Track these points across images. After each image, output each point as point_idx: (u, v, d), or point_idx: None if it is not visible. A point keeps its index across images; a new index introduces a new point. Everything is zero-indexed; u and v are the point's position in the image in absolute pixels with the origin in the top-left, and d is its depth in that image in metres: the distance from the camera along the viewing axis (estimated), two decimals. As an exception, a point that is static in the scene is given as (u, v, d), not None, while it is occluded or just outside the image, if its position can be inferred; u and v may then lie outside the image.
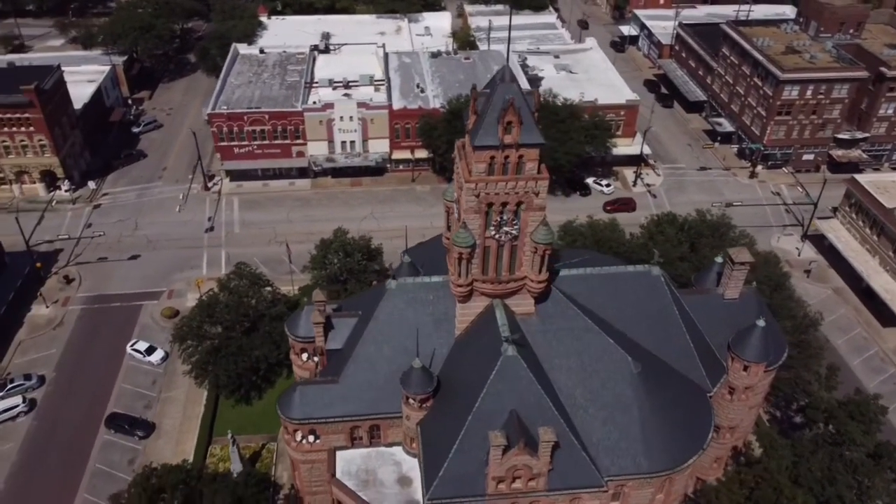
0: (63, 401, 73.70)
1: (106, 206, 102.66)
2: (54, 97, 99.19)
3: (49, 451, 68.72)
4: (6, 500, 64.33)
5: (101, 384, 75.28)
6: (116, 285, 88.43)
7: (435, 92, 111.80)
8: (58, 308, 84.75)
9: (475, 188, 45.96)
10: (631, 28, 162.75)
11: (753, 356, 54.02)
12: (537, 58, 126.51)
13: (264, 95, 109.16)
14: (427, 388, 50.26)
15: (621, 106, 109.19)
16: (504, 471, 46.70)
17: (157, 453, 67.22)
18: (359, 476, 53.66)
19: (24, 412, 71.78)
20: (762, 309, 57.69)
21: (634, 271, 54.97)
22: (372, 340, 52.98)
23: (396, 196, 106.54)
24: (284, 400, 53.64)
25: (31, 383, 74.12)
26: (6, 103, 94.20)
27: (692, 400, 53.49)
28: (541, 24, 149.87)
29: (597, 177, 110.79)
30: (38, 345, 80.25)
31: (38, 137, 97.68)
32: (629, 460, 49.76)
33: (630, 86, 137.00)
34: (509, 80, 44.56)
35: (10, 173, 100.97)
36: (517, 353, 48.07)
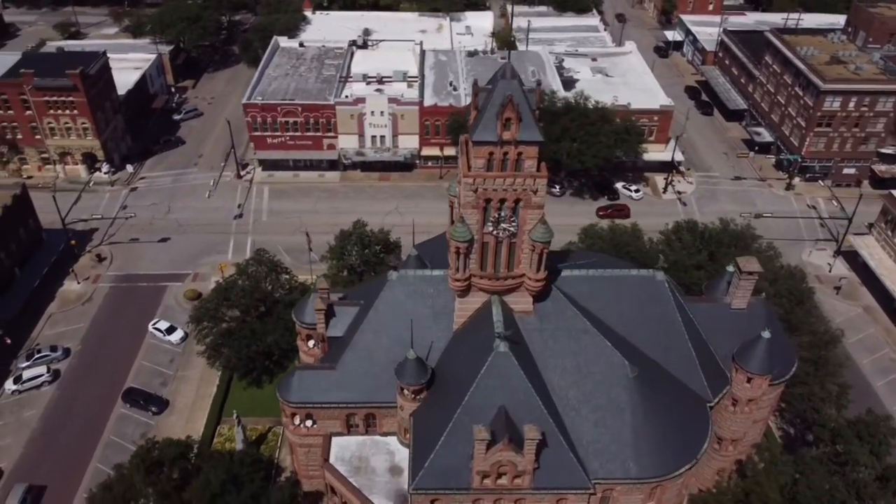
0: (85, 373, 76.58)
1: (142, 190, 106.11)
2: (98, 82, 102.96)
3: (68, 420, 71.51)
4: (24, 464, 67.22)
5: (121, 359, 77.96)
6: (145, 266, 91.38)
7: (467, 90, 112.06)
8: (88, 284, 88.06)
9: (473, 183, 46.28)
10: (676, 33, 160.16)
11: (757, 368, 52.95)
12: (574, 60, 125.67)
13: (299, 88, 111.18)
14: (421, 379, 50.76)
15: (655, 111, 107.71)
16: (489, 466, 46.87)
17: (168, 429, 69.33)
18: (351, 462, 54.49)
19: (48, 382, 74.85)
20: (770, 321, 56.45)
21: (638, 275, 54.44)
22: (371, 330, 53.74)
23: (423, 192, 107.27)
24: (284, 383, 54.85)
25: (56, 355, 77.24)
26: (52, 86, 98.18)
27: (689, 408, 52.72)
28: (583, 26, 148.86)
29: (627, 182, 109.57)
30: (67, 318, 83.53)
31: (82, 120, 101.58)
32: (618, 464, 49.34)
33: (670, 92, 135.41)
34: (510, 77, 44.73)
35: (54, 154, 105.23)
36: (508, 350, 48.18)
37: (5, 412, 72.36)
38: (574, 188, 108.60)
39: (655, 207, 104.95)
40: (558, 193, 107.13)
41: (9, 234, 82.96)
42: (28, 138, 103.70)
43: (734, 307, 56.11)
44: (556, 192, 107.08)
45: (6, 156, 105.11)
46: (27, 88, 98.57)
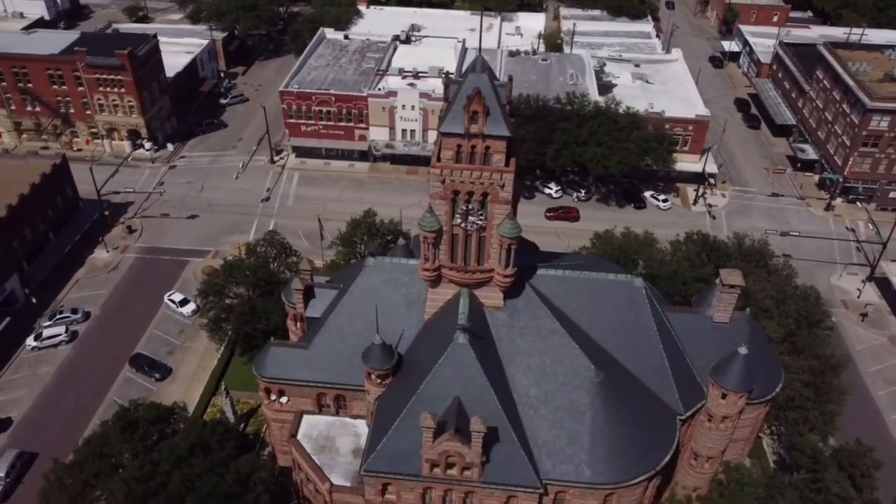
0: (100, 336, 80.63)
1: (180, 168, 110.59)
2: (146, 63, 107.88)
3: (78, 379, 75.49)
4: (32, 416, 71.39)
5: (135, 326, 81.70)
6: (171, 240, 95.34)
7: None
8: (116, 254, 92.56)
9: (440, 174, 46.76)
10: (734, 44, 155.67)
11: (732, 384, 51.66)
12: (617, 65, 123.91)
13: (337, 78, 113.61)
14: (385, 364, 51.46)
15: (690, 121, 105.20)
16: (436, 454, 47.24)
17: (167, 395, 72.31)
18: (317, 441, 55.75)
19: (65, 341, 79.19)
20: (754, 337, 54.86)
21: (615, 280, 53.66)
22: (345, 313, 54.80)
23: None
24: (259, 358, 56.58)
25: (76, 317, 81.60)
26: (103, 65, 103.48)
27: (655, 419, 51.70)
28: (634, 32, 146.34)
29: (656, 191, 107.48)
30: (92, 284, 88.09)
31: (128, 98, 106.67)
32: (571, 467, 48.86)
33: (718, 103, 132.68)
34: (479, 71, 45.02)
35: (102, 129, 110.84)
36: (467, 342, 48.40)
37: (23, 366, 76.98)
38: (601, 194, 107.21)
39: (683, 219, 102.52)
40: (584, 198, 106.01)
41: (46, 201, 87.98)
42: (79, 113, 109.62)
43: (716, 320, 54.70)
44: (581, 196, 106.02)
45: (59, 128, 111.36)
46: (80, 66, 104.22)
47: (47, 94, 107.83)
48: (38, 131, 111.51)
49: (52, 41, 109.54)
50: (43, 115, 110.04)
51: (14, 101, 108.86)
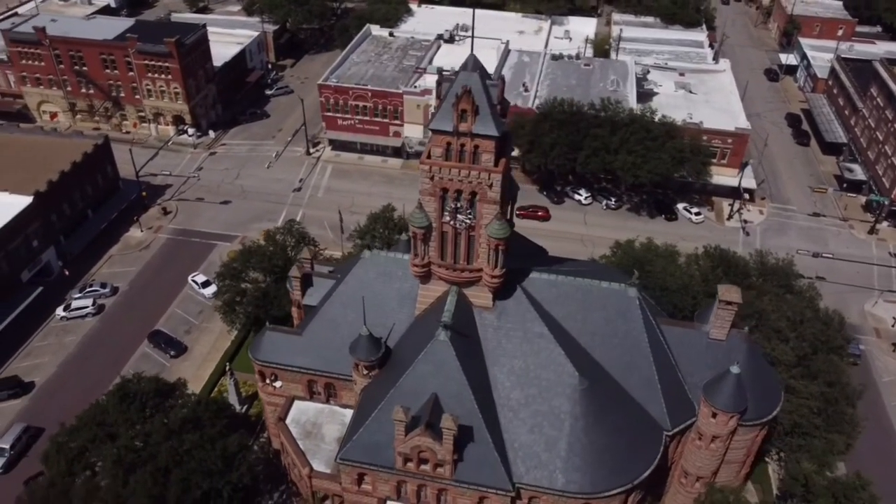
0: (125, 311, 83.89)
1: (220, 155, 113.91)
2: (193, 52, 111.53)
3: (99, 350, 78.72)
4: (52, 382, 74.79)
5: (158, 304, 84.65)
6: (202, 224, 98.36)
7: (539, 93, 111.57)
8: (150, 234, 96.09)
9: (429, 171, 47.09)
10: (792, 57, 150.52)
11: (723, 404, 50.43)
12: (661, 73, 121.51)
13: (376, 75, 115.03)
14: (371, 356, 52.09)
15: (729, 133, 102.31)
16: (409, 449, 47.58)
17: (179, 372, 74.65)
18: (305, 426, 56.77)
19: (92, 314, 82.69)
20: (751, 357, 53.29)
21: (608, 288, 52.86)
22: (339, 303, 55.65)
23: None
24: (255, 341, 58.02)
25: (104, 291, 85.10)
26: (151, 51, 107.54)
27: (639, 432, 50.75)
28: (686, 40, 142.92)
29: (691, 204, 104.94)
30: (123, 260, 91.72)
31: (174, 85, 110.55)
32: (545, 473, 48.45)
33: (769, 117, 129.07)
34: (471, 70, 45.07)
35: (149, 113, 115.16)
36: (448, 340, 48.55)
37: (51, 334, 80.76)
38: (632, 203, 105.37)
39: (714, 233, 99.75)
40: (614, 206, 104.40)
41: (86, 179, 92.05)
42: (129, 97, 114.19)
43: (712, 337, 53.33)
44: (611, 204, 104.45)
45: (110, 111, 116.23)
46: (131, 52, 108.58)
47: (100, 78, 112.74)
48: (91, 113, 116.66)
49: (108, 27, 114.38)
50: (96, 97, 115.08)
51: (70, 83, 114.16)
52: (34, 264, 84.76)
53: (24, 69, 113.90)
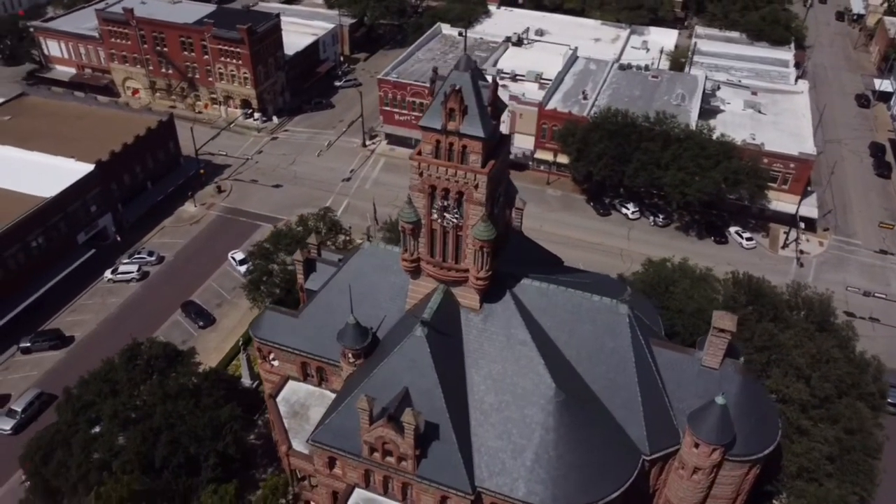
0: (166, 279, 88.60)
1: (280, 140, 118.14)
2: (265, 40, 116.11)
3: (137, 314, 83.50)
4: (90, 339, 79.95)
5: (197, 276, 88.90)
6: (252, 204, 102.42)
7: (598, 101, 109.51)
8: (202, 209, 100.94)
9: (418, 167, 47.39)
10: (889, 83, 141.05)
11: (705, 435, 48.50)
12: (732, 90, 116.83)
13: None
14: (356, 345, 52.94)
15: (791, 157, 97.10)
16: (373, 438, 48.18)
17: (203, 343, 78.38)
18: (293, 406, 58.35)
19: (136, 279, 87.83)
20: (745, 389, 50.78)
21: (599, 302, 51.58)
22: (335, 291, 56.78)
23: (524, 193, 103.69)
24: (256, 319, 60.09)
25: (150, 259, 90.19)
26: (225, 37, 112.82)
27: (613, 452, 49.35)
28: (770, 58, 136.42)
29: (745, 228, 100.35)
30: (174, 232, 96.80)
31: (244, 70, 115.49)
32: (508, 480, 47.89)
33: (850, 145, 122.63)
34: (462, 69, 45.10)
35: (220, 96, 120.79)
36: (424, 336, 48.75)
37: (97, 295, 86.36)
38: (682, 222, 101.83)
39: (764, 261, 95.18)
40: (661, 223, 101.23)
41: (147, 152, 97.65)
42: (203, 79, 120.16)
43: (704, 364, 51.15)
44: (659, 221, 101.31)
45: (185, 91, 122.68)
46: (206, 36, 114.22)
47: (179, 59, 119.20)
48: (169, 91, 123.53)
49: (190, 12, 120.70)
50: (173, 77, 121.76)
51: (152, 62, 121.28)
52: (91, 228, 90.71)
53: (112, 47, 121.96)
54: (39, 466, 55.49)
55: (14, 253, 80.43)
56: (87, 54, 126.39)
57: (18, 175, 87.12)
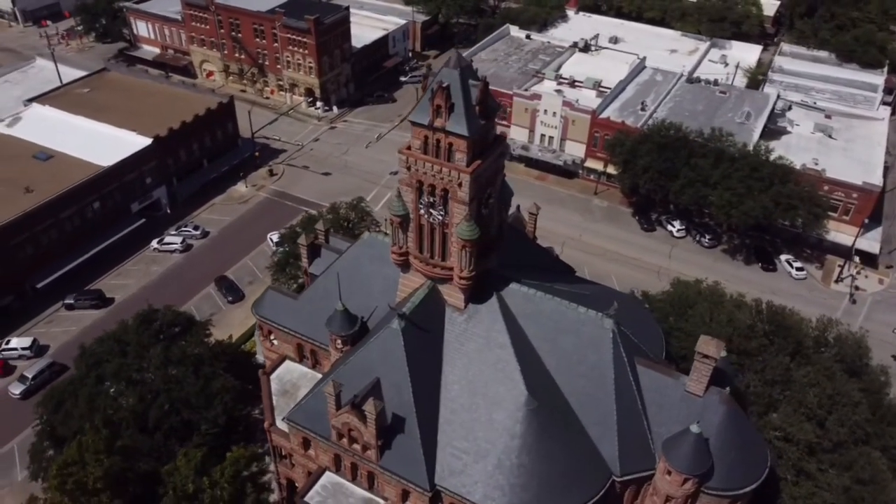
0: (206, 254, 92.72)
1: (338, 130, 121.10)
2: (332, 31, 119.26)
3: (174, 283, 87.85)
4: (129, 302, 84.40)
5: (235, 253, 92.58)
6: (300, 190, 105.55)
7: (656, 113, 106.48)
8: (252, 190, 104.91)
9: (406, 161, 47.73)
10: None
11: (677, 462, 46.65)
12: (804, 112, 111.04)
13: (495, 74, 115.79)
14: (343, 331, 53.86)
15: (854, 187, 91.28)
16: (340, 424, 48.94)
17: (227, 317, 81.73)
18: (284, 385, 59.88)
19: (179, 251, 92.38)
20: (728, 420, 48.32)
21: (585, 314, 50.32)
22: (333, 277, 57.91)
23: (567, 201, 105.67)
24: (259, 297, 62.07)
25: (195, 233, 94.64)
26: (293, 26, 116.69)
27: (580, 469, 48.10)
28: (857, 81, 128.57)
29: (797, 257, 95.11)
30: (222, 210, 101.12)
31: (309, 60, 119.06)
32: (467, 481, 47.48)
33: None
34: (452, 66, 45.05)
35: (286, 83, 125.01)
36: (400, 330, 49.07)
37: (142, 262, 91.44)
38: (731, 245, 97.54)
39: (813, 294, 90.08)
40: (707, 244, 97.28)
41: (206, 131, 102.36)
42: (272, 66, 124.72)
43: (688, 389, 49.03)
44: (705, 241, 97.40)
45: (255, 76, 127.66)
46: (277, 24, 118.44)
47: (251, 45, 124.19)
48: (240, 76, 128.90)
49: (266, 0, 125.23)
50: (245, 62, 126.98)
51: (227, 46, 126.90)
52: (145, 199, 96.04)
53: (192, 30, 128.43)
54: (49, 413, 59.39)
55: (70, 215, 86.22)
56: (170, 36, 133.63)
57: (85, 144, 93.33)
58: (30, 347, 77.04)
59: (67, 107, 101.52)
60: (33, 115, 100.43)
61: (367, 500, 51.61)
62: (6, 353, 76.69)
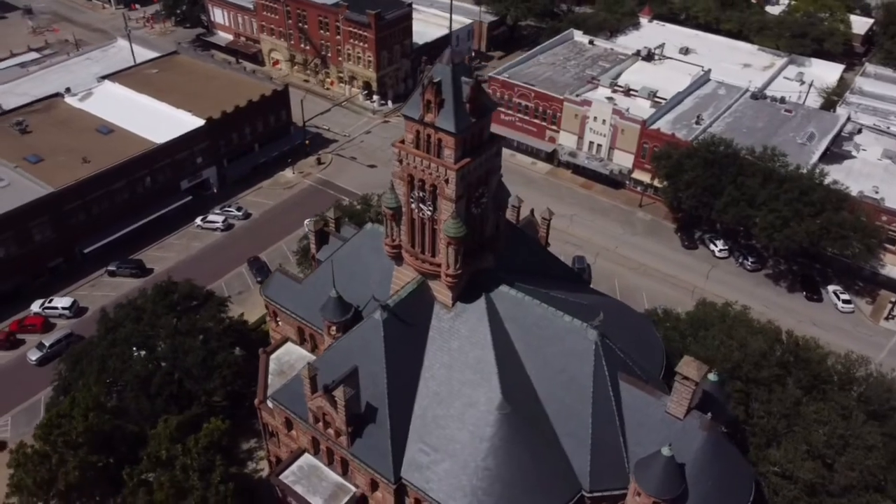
0: (246, 235, 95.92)
1: (391, 124, 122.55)
2: (392, 27, 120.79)
3: (211, 260, 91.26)
4: (165, 274, 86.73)
5: (273, 236, 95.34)
6: (344, 180, 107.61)
7: (714, 128, 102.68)
8: (299, 177, 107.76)
9: (398, 154, 48.12)
10: None
11: (646, 485, 45.28)
12: (874, 136, 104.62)
13: (551, 77, 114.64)
14: (334, 318, 54.75)
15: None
16: (315, 408, 49.87)
17: (255, 297, 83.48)
18: (282, 366, 61.33)
19: (220, 230, 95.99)
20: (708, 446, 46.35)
21: (570, 324, 49.36)
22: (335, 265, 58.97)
23: (611, 212, 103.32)
24: (268, 278, 63.84)
25: (238, 213, 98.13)
26: (355, 20, 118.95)
27: (546, 479, 47.28)
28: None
29: (846, 289, 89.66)
30: (268, 194, 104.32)
31: (368, 54, 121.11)
32: (431, 476, 47.56)
33: None
34: (445, 62, 45.06)
35: (346, 75, 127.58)
36: (381, 321, 49.53)
37: (184, 237, 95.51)
38: (776, 270, 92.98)
39: (858, 329, 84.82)
40: (749, 267, 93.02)
41: (259, 117, 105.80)
42: (334, 58, 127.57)
43: (669, 411, 47.28)
44: (748, 264, 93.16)
45: (318, 67, 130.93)
46: (340, 18, 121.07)
47: (316, 37, 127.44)
48: (304, 66, 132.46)
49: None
50: (309, 53, 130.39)
51: (294, 37, 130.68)
52: (195, 177, 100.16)
53: (263, 19, 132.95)
54: (66, 371, 63.03)
55: (121, 187, 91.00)
56: (242, 24, 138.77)
57: (144, 121, 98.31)
58: (69, 308, 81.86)
59: (135, 85, 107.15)
60: (103, 92, 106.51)
61: (340, 485, 52.37)
62: (48, 310, 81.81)
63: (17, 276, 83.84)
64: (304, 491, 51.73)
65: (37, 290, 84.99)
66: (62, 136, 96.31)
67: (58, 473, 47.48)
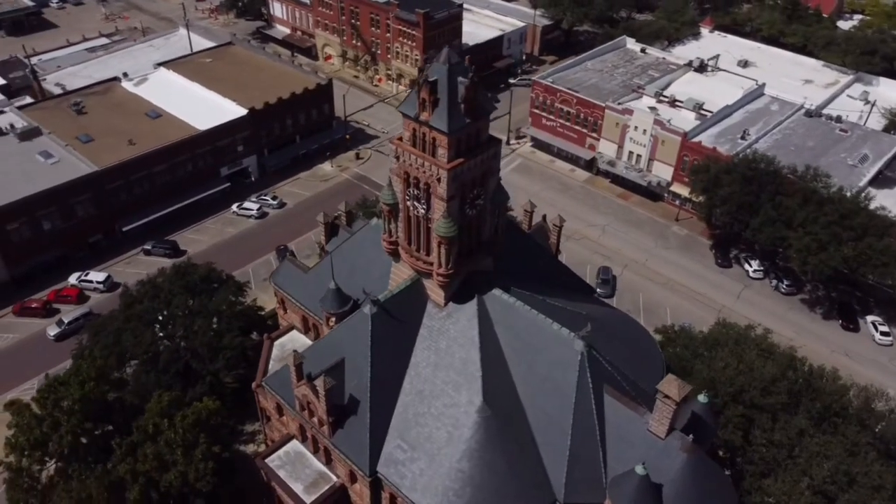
0: (278, 223, 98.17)
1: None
2: (441, 26, 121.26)
3: (243, 246, 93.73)
4: (197, 257, 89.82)
5: (303, 226, 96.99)
6: (379, 175, 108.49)
7: (759, 145, 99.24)
8: (337, 171, 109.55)
9: (395, 150, 48.44)
10: None
11: (618, 502, 44.03)
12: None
13: (596, 84, 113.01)
14: (332, 309, 55.64)
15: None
16: (301, 395, 50.73)
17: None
18: (285, 352, 62.17)
19: (255, 217, 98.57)
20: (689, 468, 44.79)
21: (558, 332, 48.60)
22: (340, 257, 59.86)
23: (646, 225, 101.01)
24: (278, 267, 65.19)
25: (273, 202, 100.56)
26: (405, 18, 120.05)
27: (519, 486, 46.75)
28: None
29: (888, 320, 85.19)
30: (305, 185, 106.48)
31: (416, 52, 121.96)
32: (405, 473, 47.70)
33: None
34: (442, 62, 45.11)
35: (394, 73, 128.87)
36: (370, 315, 49.95)
37: (219, 222, 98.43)
38: (812, 296, 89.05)
39: (894, 364, 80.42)
40: (784, 290, 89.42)
41: (301, 109, 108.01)
42: (383, 55, 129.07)
43: (651, 429, 46.02)
44: (782, 287, 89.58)
45: (368, 64, 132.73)
46: (391, 16, 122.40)
47: (367, 34, 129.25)
48: (355, 61, 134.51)
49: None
50: (360, 49, 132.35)
51: (346, 33, 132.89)
52: (235, 165, 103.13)
53: (318, 14, 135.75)
54: (87, 340, 65.97)
55: (163, 170, 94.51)
56: (299, 18, 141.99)
57: (192, 108, 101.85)
58: (104, 282, 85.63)
59: (187, 73, 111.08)
60: (157, 78, 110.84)
61: (322, 473, 53.10)
62: (84, 283, 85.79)
63: (60, 248, 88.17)
64: (286, 476, 52.70)
65: (76, 262, 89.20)
66: (114, 118, 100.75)
67: (52, 436, 49.85)
